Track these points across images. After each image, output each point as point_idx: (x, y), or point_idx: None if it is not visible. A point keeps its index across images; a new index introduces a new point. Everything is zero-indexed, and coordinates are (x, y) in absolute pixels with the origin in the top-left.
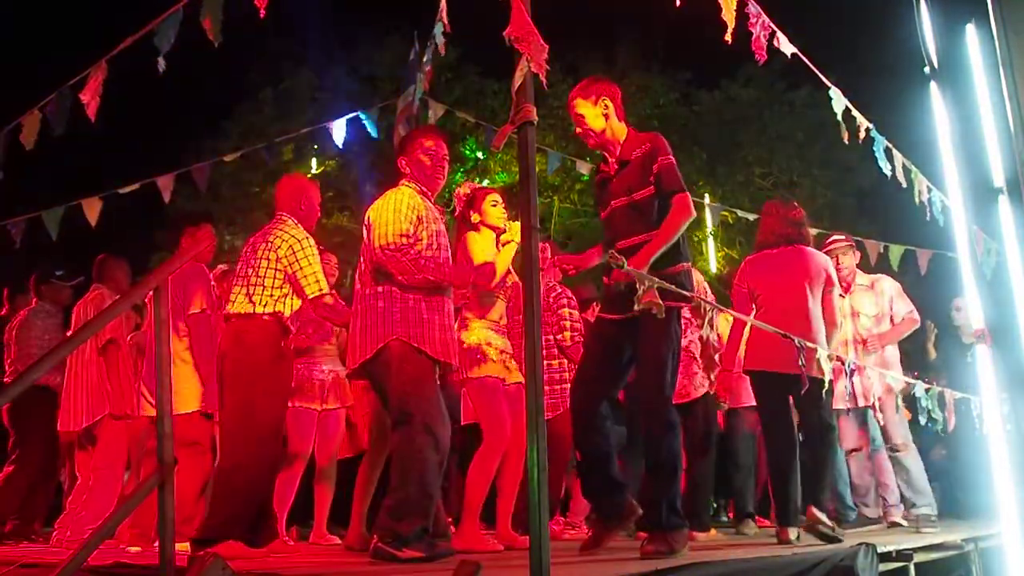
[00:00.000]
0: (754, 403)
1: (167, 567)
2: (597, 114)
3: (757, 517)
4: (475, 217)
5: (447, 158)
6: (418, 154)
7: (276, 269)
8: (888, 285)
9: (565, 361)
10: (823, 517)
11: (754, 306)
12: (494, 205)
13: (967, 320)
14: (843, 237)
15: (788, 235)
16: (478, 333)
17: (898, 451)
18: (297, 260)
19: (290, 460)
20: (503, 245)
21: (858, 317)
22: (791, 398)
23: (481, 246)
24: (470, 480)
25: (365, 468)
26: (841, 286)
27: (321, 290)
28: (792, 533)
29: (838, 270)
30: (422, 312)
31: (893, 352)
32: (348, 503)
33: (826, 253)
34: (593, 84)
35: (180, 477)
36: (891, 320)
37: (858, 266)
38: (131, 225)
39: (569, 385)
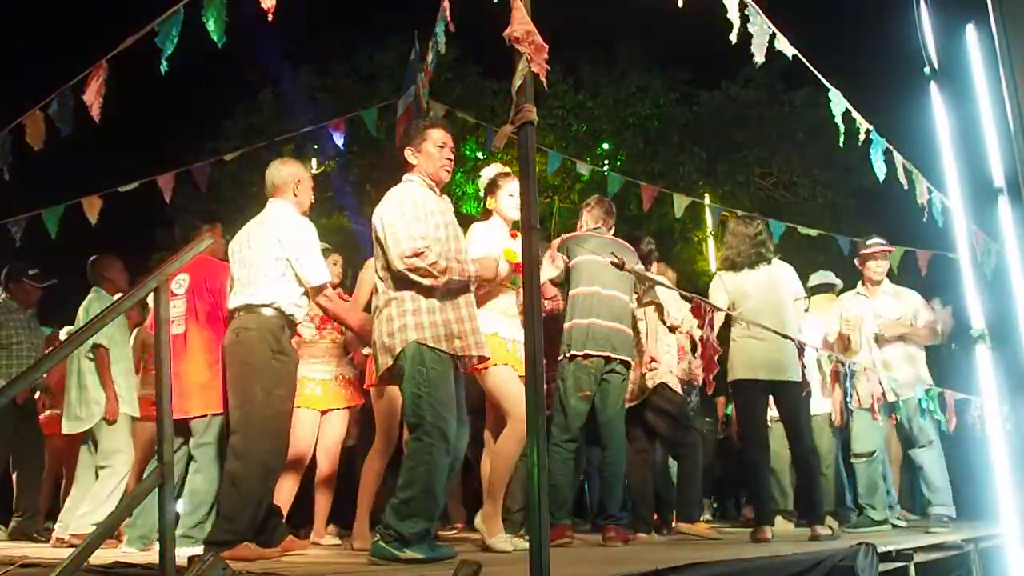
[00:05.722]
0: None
1: (167, 567)
2: None
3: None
4: (491, 202)
5: (454, 151)
6: (427, 144)
7: (276, 257)
8: (914, 297)
9: None
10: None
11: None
12: (511, 196)
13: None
14: (883, 242)
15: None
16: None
17: (922, 449)
18: (300, 246)
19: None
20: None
21: (879, 318)
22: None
23: (483, 238)
24: (495, 465)
25: (371, 466)
26: (868, 287)
27: (324, 279)
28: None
29: (865, 269)
30: (438, 310)
31: (918, 352)
32: (347, 503)
33: (863, 256)
34: None
35: None
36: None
37: (887, 274)
38: (131, 225)
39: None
